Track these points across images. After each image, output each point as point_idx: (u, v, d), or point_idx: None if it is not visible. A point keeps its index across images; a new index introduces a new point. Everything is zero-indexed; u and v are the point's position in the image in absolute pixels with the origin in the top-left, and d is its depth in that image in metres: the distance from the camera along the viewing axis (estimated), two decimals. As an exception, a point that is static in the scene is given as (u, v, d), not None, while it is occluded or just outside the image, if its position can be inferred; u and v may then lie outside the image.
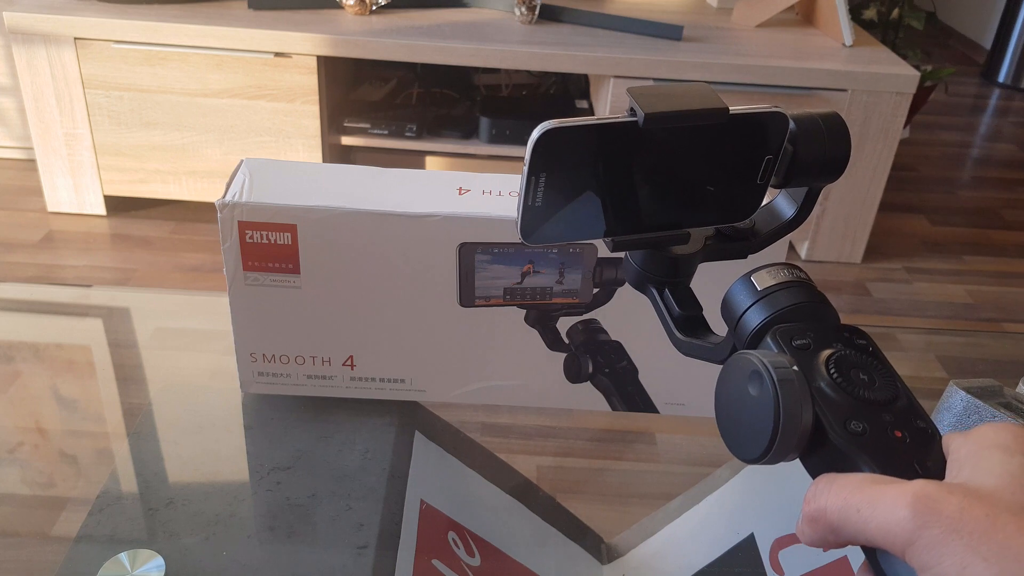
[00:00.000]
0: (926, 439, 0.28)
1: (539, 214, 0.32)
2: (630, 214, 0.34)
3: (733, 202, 0.35)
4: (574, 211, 0.33)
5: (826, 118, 0.35)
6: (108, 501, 0.49)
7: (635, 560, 0.54)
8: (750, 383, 0.29)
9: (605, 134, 0.31)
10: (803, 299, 0.32)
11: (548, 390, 0.56)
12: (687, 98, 0.31)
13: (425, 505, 0.50)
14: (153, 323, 0.71)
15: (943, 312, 1.88)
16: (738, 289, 0.33)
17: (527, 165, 0.30)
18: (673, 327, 0.37)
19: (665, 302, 0.37)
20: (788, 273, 0.33)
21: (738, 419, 0.30)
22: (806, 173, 0.35)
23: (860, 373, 0.29)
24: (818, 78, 1.78)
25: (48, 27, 1.73)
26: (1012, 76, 3.41)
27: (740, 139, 0.33)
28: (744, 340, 0.32)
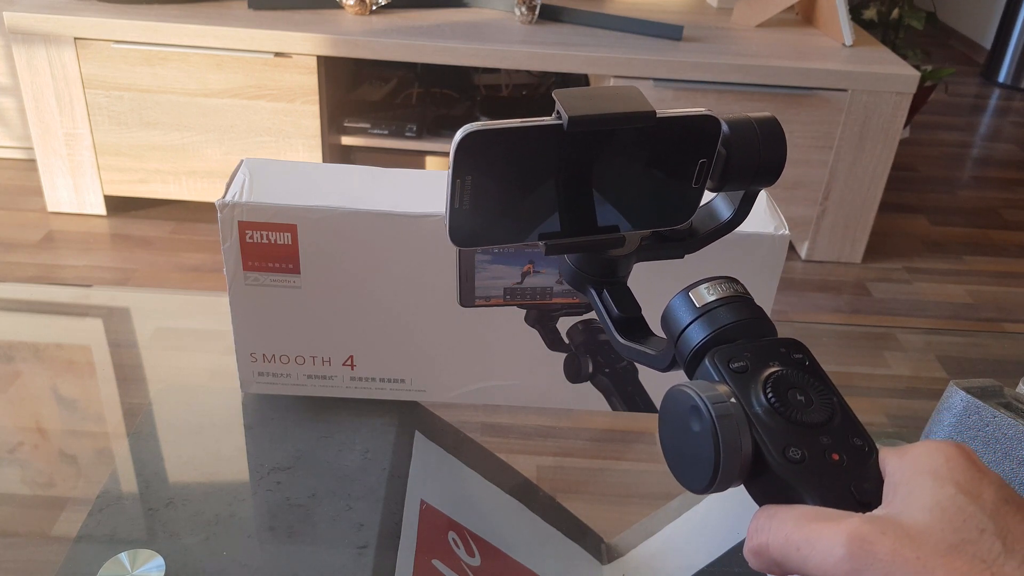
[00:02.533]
0: (862, 458, 0.29)
1: (467, 217, 0.31)
2: (562, 218, 0.33)
3: (669, 206, 0.35)
4: (504, 214, 0.32)
5: (761, 122, 0.34)
6: (108, 501, 0.49)
7: (635, 560, 0.54)
8: (690, 418, 0.29)
9: (530, 137, 0.30)
10: (741, 316, 0.32)
11: (548, 390, 0.56)
12: (614, 101, 0.31)
13: (425, 505, 0.50)
14: (153, 323, 0.71)
15: (943, 312, 1.88)
16: (678, 305, 0.33)
17: (451, 167, 0.30)
18: (613, 330, 0.37)
19: (604, 303, 0.37)
20: (726, 288, 0.33)
21: (682, 452, 0.30)
22: (741, 177, 0.34)
23: (797, 394, 0.30)
24: (818, 78, 1.78)
25: (48, 27, 1.73)
26: (1012, 76, 3.41)
27: (671, 142, 0.33)
28: (684, 357, 0.32)
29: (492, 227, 0.32)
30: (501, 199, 0.32)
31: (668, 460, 0.31)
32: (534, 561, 0.53)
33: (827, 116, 1.83)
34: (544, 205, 0.33)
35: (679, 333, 0.32)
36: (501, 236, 0.33)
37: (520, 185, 0.32)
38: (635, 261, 0.38)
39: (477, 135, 0.30)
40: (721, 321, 0.31)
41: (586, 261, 0.37)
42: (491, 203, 0.32)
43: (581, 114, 0.30)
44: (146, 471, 0.51)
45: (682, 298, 0.33)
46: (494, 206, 0.32)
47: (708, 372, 0.31)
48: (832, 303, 1.88)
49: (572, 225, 0.34)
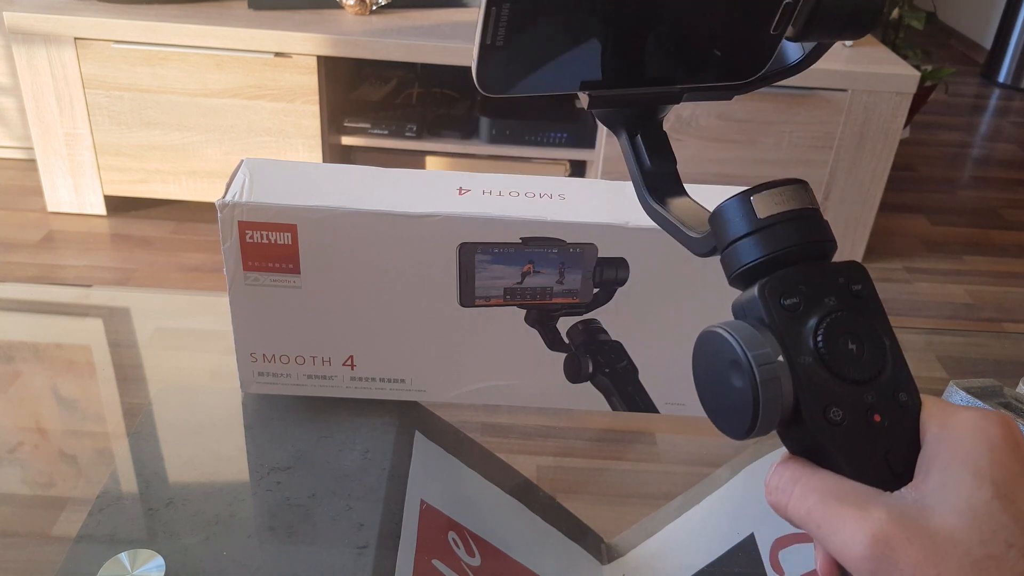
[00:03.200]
0: (905, 418, 0.27)
1: (500, 58, 0.26)
2: (613, 64, 0.28)
3: (738, 56, 0.30)
4: (543, 55, 0.27)
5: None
6: (108, 501, 0.49)
7: (635, 560, 0.54)
8: (731, 371, 0.27)
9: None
10: (802, 239, 0.28)
11: (548, 390, 0.56)
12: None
13: (425, 505, 0.50)
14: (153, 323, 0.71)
15: (943, 312, 1.88)
16: (734, 210, 0.29)
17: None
18: (644, 186, 0.32)
19: (636, 151, 0.32)
20: (793, 197, 0.28)
21: (718, 397, 0.28)
22: (828, 25, 0.29)
23: (849, 341, 0.27)
24: (818, 78, 1.78)
25: (48, 27, 1.73)
26: (1012, 76, 3.41)
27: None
28: (732, 270, 0.29)
29: (529, 70, 0.27)
30: (543, 35, 0.27)
31: (701, 398, 0.29)
32: (534, 561, 0.53)
33: (827, 116, 1.83)
34: (591, 46, 0.28)
35: (730, 243, 0.29)
36: (539, 82, 0.28)
37: (567, 19, 0.27)
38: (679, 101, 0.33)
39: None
40: (782, 242, 0.28)
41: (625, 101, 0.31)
42: (530, 39, 0.27)
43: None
44: (146, 471, 0.51)
45: (741, 202, 0.28)
46: (534, 43, 0.27)
47: (756, 306, 0.28)
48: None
49: (622, 73, 0.29)
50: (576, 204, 0.51)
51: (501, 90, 0.28)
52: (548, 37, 0.27)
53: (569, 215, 0.50)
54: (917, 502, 0.25)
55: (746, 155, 1.87)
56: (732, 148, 1.87)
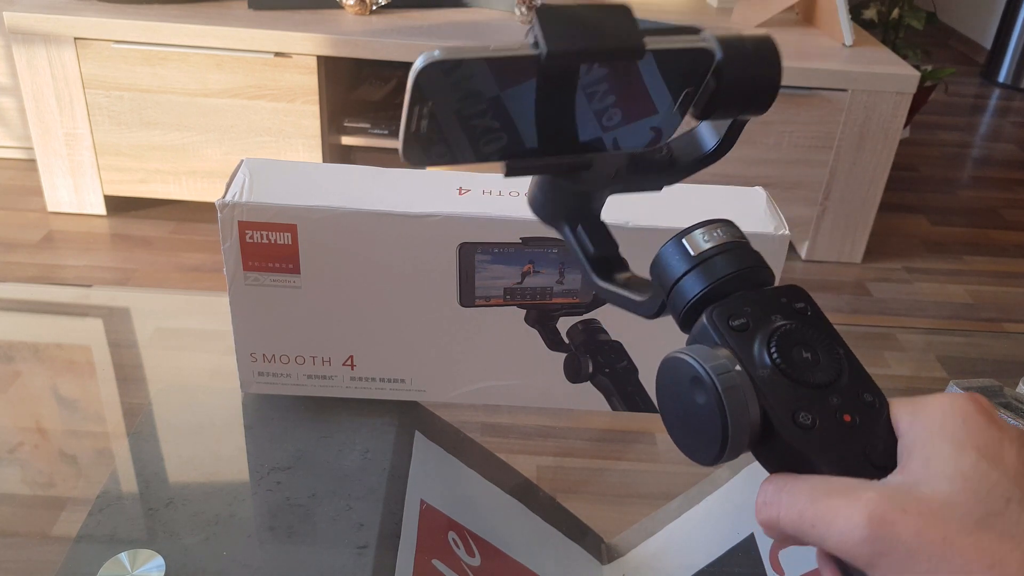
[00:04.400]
0: (874, 416, 0.27)
1: (423, 140, 0.29)
2: (526, 138, 0.30)
3: (646, 131, 0.32)
4: (461, 138, 0.30)
5: (757, 44, 0.31)
6: (108, 501, 0.49)
7: (635, 560, 0.54)
8: (693, 390, 0.27)
9: (501, 68, 0.28)
10: (740, 265, 0.30)
11: (548, 390, 0.56)
12: (601, 30, 0.28)
13: (425, 505, 0.50)
14: (153, 323, 0.71)
15: (943, 312, 1.88)
16: (670, 253, 0.30)
17: (408, 94, 0.27)
18: (590, 270, 0.34)
19: (579, 240, 0.34)
20: (723, 233, 0.30)
21: (686, 423, 0.28)
22: (729, 107, 0.31)
23: (802, 351, 0.28)
24: (818, 78, 1.78)
25: (48, 27, 1.73)
26: (1012, 76, 3.41)
27: (657, 73, 0.30)
28: (679, 311, 0.30)
29: (449, 147, 0.30)
30: (463, 124, 0.29)
31: (670, 432, 0.29)
32: (534, 561, 0.53)
33: (827, 116, 1.83)
34: (508, 126, 0.30)
35: (672, 284, 0.30)
36: (457, 155, 0.30)
37: (483, 111, 0.29)
38: (609, 193, 0.35)
39: (440, 66, 0.27)
40: (718, 273, 0.29)
41: (557, 193, 0.34)
42: (450, 128, 0.29)
43: (562, 49, 0.27)
44: (146, 471, 0.51)
45: (675, 245, 0.30)
46: (453, 130, 0.29)
47: (707, 332, 0.29)
48: (832, 303, 1.88)
49: (540, 148, 0.31)
50: (576, 204, 0.51)
51: (422, 164, 0.30)
52: (464, 126, 0.29)
53: (569, 215, 0.50)
54: (905, 481, 0.25)
55: (746, 155, 1.87)
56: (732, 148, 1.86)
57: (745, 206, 0.53)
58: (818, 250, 1.99)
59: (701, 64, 0.30)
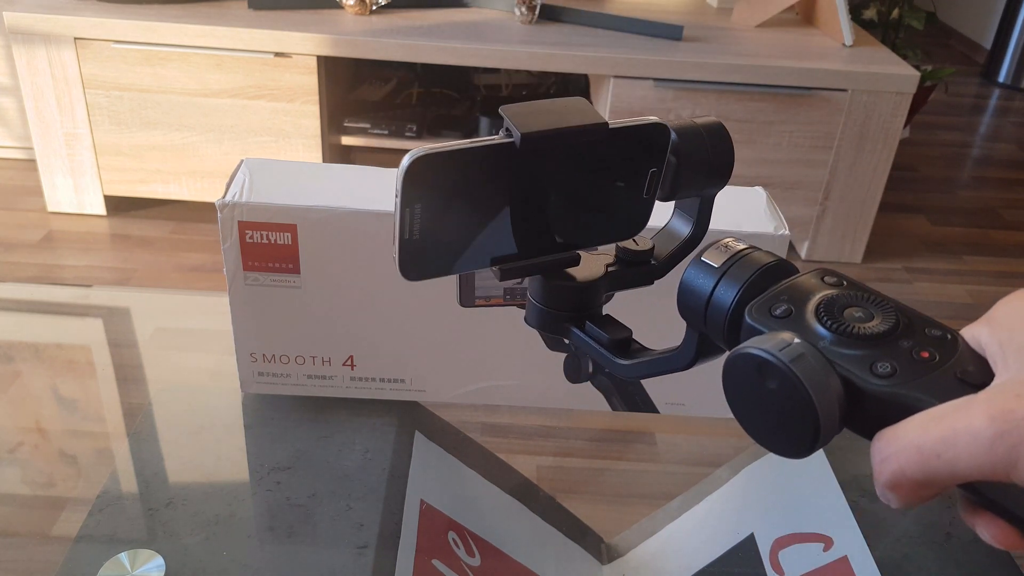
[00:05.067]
0: (952, 346, 0.27)
1: (418, 248, 0.30)
2: (516, 240, 0.33)
3: (622, 219, 0.35)
4: (455, 241, 0.31)
5: (708, 126, 0.34)
6: (108, 501, 0.49)
7: (635, 560, 0.54)
8: (763, 378, 0.26)
9: (481, 157, 0.30)
10: (763, 263, 0.30)
11: (548, 390, 0.56)
12: (565, 115, 0.30)
13: (425, 505, 0.50)
14: (153, 323, 0.71)
15: (943, 312, 1.88)
16: (694, 276, 0.31)
17: (399, 197, 0.29)
18: (611, 356, 0.35)
19: (591, 334, 0.36)
20: (734, 244, 0.31)
21: (767, 419, 0.27)
22: (692, 182, 0.34)
23: (854, 311, 0.28)
24: (818, 78, 1.78)
25: (48, 27, 1.73)
26: (1012, 76, 3.41)
27: (622, 153, 0.32)
28: (721, 327, 0.30)
29: (444, 256, 0.31)
30: (452, 225, 0.31)
31: (758, 438, 0.28)
32: (534, 561, 0.53)
33: (827, 116, 1.83)
34: (495, 228, 0.32)
35: (707, 299, 0.30)
36: (454, 265, 0.32)
37: (471, 209, 0.31)
38: (605, 291, 0.37)
39: (426, 159, 0.28)
40: (747, 273, 0.30)
41: (557, 296, 0.36)
42: (442, 231, 0.31)
43: (533, 131, 0.29)
44: (146, 471, 0.51)
45: (696, 266, 0.31)
46: (446, 233, 0.31)
47: (753, 329, 0.28)
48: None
49: (525, 246, 0.33)
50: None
51: (423, 275, 0.31)
52: (456, 227, 0.31)
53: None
54: (1009, 377, 0.24)
55: (746, 155, 1.87)
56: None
57: (745, 206, 0.53)
58: (818, 250, 1.99)
59: (659, 140, 0.32)
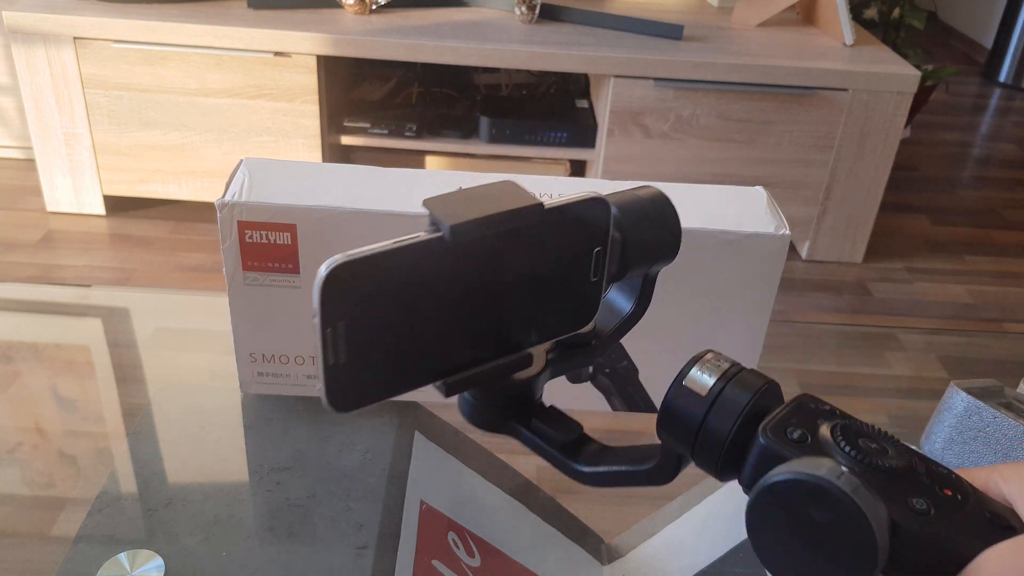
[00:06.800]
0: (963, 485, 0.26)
1: (348, 373, 0.26)
2: (459, 348, 0.29)
3: (570, 308, 0.31)
4: (391, 359, 0.27)
5: (650, 198, 0.32)
6: (107, 501, 0.49)
7: (635, 561, 0.54)
8: (814, 508, 0.24)
9: (408, 258, 0.26)
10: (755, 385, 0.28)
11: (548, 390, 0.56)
12: (495, 200, 0.27)
13: (425, 505, 0.50)
14: (153, 323, 0.71)
15: (944, 312, 1.88)
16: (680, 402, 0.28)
17: (318, 316, 0.25)
18: (566, 460, 0.32)
19: (540, 434, 0.33)
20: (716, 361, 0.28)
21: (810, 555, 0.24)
22: (640, 258, 0.31)
23: (869, 442, 0.26)
24: (819, 77, 1.78)
25: (47, 27, 1.73)
26: (1013, 76, 3.41)
27: (563, 234, 0.29)
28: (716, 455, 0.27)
29: (380, 378, 0.27)
30: (386, 341, 0.27)
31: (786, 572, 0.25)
32: (534, 561, 0.53)
33: (828, 116, 1.83)
34: (435, 337, 0.28)
35: (696, 432, 0.28)
36: (391, 388, 0.28)
37: (405, 319, 0.27)
38: (546, 380, 0.34)
39: (346, 268, 0.25)
40: (741, 400, 0.27)
41: (496, 397, 0.32)
42: (375, 349, 0.27)
43: (463, 221, 0.26)
44: (145, 471, 0.51)
45: (678, 391, 0.28)
46: (379, 352, 0.27)
47: (772, 453, 0.26)
48: (833, 303, 1.88)
49: (471, 353, 0.29)
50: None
51: (356, 404, 0.27)
52: (388, 343, 0.27)
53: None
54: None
55: (746, 155, 1.87)
56: (732, 148, 1.87)
57: (746, 206, 0.53)
58: (819, 250, 1.99)
59: (600, 215, 0.30)
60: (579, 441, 0.32)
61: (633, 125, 1.84)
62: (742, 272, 0.52)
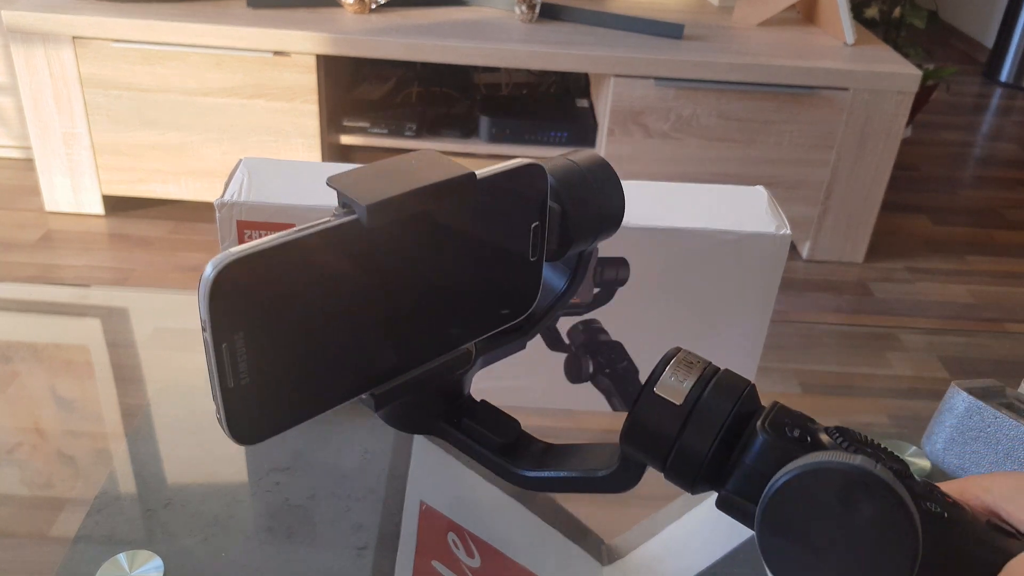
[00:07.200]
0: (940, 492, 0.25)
1: (251, 397, 0.21)
2: (386, 352, 0.24)
3: (509, 294, 0.27)
4: (303, 376, 0.22)
5: (588, 162, 0.28)
6: (106, 502, 0.49)
7: (635, 561, 0.54)
8: (854, 502, 0.21)
9: (317, 249, 0.21)
10: (738, 388, 0.25)
11: (548, 390, 0.56)
12: (416, 173, 0.22)
13: (425, 506, 0.50)
14: (152, 323, 0.71)
15: (945, 312, 1.88)
16: (650, 414, 0.24)
17: (208, 329, 0.20)
18: (506, 464, 0.28)
19: (474, 435, 0.28)
20: (688, 362, 0.25)
21: (839, 555, 0.22)
22: (582, 233, 0.28)
23: (865, 447, 0.24)
24: (819, 77, 1.78)
25: (47, 26, 1.73)
26: (1014, 75, 3.41)
27: (497, 209, 0.25)
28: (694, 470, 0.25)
29: (290, 400, 0.23)
30: (293, 354, 0.22)
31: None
32: (534, 562, 0.52)
33: (828, 115, 1.82)
34: (354, 344, 0.23)
35: (671, 447, 0.24)
36: (307, 408, 0.24)
37: (315, 326, 0.22)
38: (476, 372, 0.30)
39: (239, 266, 0.20)
40: (723, 408, 0.24)
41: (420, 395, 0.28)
42: (280, 365, 0.22)
43: (381, 199, 0.21)
44: (145, 471, 0.51)
45: (651, 401, 0.25)
46: (285, 368, 0.22)
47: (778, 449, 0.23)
48: (834, 303, 1.88)
49: (400, 358, 0.25)
50: (577, 203, 0.51)
51: (265, 433, 0.22)
52: (297, 356, 0.22)
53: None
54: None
55: (747, 155, 1.87)
56: (732, 148, 1.86)
57: (746, 206, 0.52)
58: (820, 250, 1.99)
59: (536, 185, 0.26)
60: (518, 441, 0.28)
61: (633, 125, 1.84)
62: (742, 272, 0.51)
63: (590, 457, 0.27)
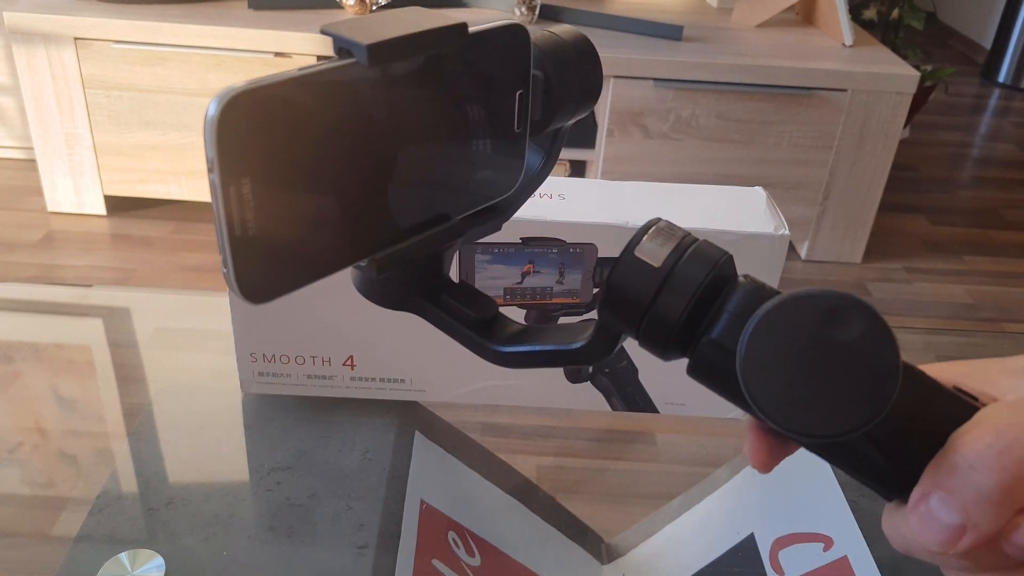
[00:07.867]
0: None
1: (259, 248, 0.22)
2: (385, 216, 0.25)
3: (496, 167, 0.28)
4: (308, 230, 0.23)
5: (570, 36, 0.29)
6: (108, 501, 0.49)
7: (635, 560, 0.54)
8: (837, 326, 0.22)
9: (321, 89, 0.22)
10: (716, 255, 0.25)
11: (548, 390, 0.56)
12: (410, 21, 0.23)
13: (425, 505, 0.50)
14: (153, 323, 0.71)
15: (943, 312, 1.88)
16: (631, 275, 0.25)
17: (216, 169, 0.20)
18: (482, 339, 0.29)
19: (452, 311, 0.29)
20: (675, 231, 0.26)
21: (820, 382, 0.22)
22: (564, 103, 0.28)
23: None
24: (818, 78, 1.78)
25: (48, 27, 1.73)
26: (1012, 76, 3.42)
27: (484, 68, 0.26)
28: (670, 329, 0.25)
29: (297, 256, 0.23)
30: (299, 205, 0.22)
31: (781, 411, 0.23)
32: (534, 561, 0.53)
33: (827, 116, 1.83)
34: (356, 201, 0.24)
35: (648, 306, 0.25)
36: (314, 268, 0.24)
37: (319, 175, 0.22)
38: (454, 250, 0.30)
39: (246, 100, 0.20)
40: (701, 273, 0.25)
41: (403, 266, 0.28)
42: (286, 215, 0.22)
43: (381, 40, 0.22)
44: (146, 471, 0.51)
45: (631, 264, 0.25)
46: (291, 219, 0.22)
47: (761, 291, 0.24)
48: (832, 303, 1.88)
49: (398, 226, 0.26)
50: (576, 204, 0.51)
51: (275, 291, 0.23)
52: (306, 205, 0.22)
53: (569, 215, 0.50)
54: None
55: (745, 155, 1.87)
56: (732, 148, 1.87)
57: (745, 206, 0.53)
58: (818, 250, 1.99)
59: (521, 48, 0.27)
60: (495, 319, 0.29)
61: (633, 125, 1.84)
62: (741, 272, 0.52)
63: (566, 332, 0.28)
